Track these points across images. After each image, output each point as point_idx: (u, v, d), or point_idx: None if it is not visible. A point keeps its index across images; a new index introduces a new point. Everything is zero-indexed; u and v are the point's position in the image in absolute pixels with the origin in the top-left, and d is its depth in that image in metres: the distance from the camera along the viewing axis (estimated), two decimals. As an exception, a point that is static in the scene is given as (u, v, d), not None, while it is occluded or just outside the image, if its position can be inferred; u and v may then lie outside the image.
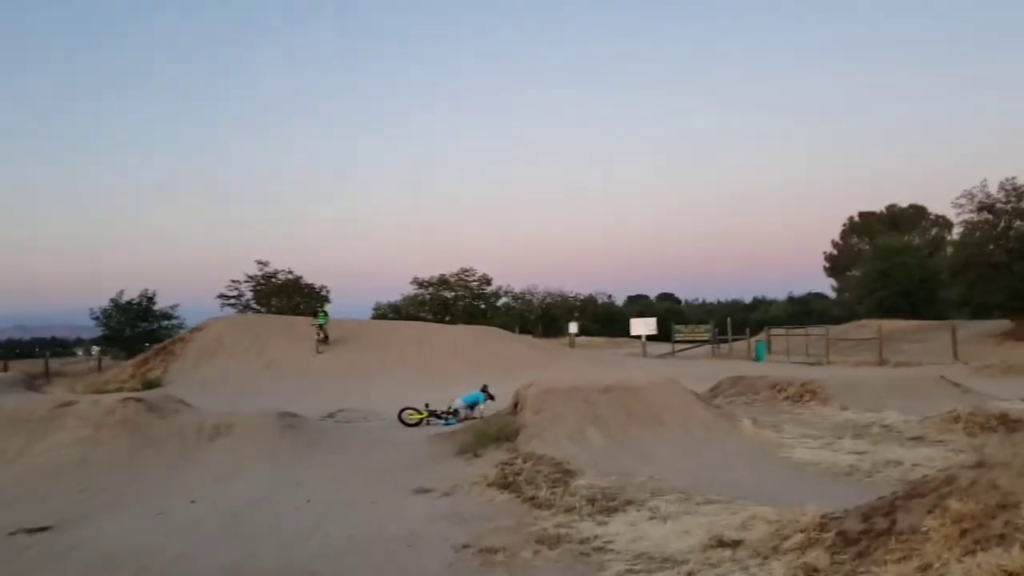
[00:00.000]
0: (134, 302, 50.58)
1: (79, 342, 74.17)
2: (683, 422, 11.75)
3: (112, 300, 50.78)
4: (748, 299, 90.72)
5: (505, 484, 9.42)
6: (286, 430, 13.57)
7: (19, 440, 12.49)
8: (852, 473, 9.98)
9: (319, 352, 30.97)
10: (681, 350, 38.45)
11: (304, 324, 33.68)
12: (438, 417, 15.96)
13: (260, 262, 53.65)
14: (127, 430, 12.80)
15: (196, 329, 34.89)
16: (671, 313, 60.36)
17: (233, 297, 52.83)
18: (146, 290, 50.69)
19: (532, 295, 69.80)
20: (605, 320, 68.30)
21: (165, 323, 51.04)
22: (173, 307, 51.18)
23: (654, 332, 38.47)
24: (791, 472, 10.23)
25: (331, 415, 19.52)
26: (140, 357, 32.52)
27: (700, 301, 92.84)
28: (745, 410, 14.65)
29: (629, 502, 8.30)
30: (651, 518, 7.65)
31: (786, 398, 15.97)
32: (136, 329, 49.44)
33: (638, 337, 39.86)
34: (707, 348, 38.92)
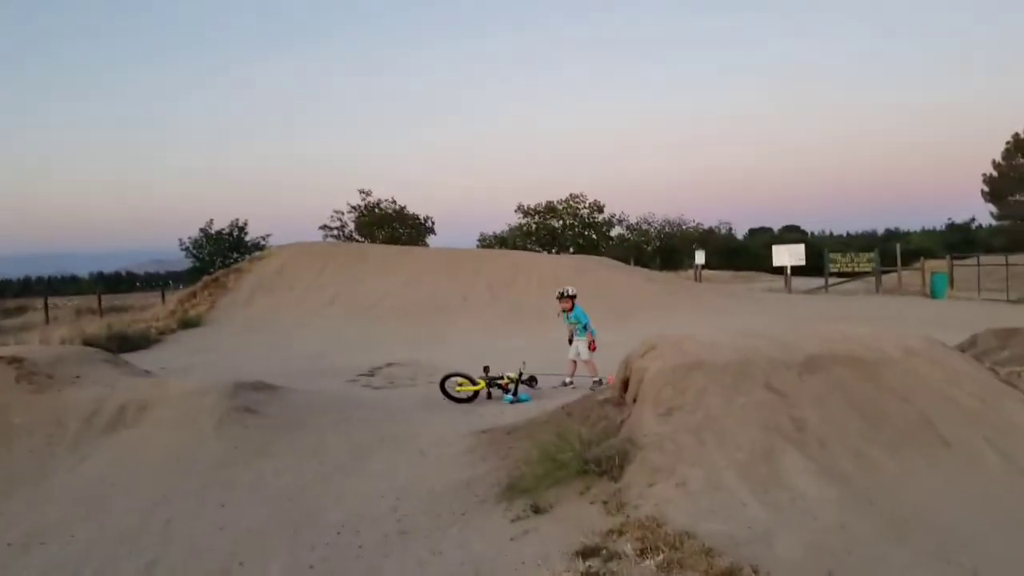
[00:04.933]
0: (224, 232, 47.47)
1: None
2: (989, 438, 5.39)
3: (202, 230, 47.89)
4: (880, 231, 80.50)
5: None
6: (234, 417, 8.01)
7: None
8: None
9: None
10: (836, 283, 31.15)
11: (378, 255, 28.50)
12: (501, 388, 10.10)
13: (363, 191, 51.17)
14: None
15: (256, 259, 30.28)
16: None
17: (336, 228, 50.77)
18: (236, 220, 47.39)
19: (649, 224, 62.77)
20: (727, 253, 60.79)
21: (257, 255, 48.12)
22: (265, 237, 47.51)
23: (802, 263, 31.25)
24: None
25: (370, 372, 14.01)
26: (187, 291, 28.02)
27: (828, 233, 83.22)
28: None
29: None
30: None
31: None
32: (228, 261, 46.14)
33: (779, 270, 32.76)
34: (867, 283, 31.44)
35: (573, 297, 11.33)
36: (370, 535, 5.31)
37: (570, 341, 11.38)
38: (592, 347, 11.04)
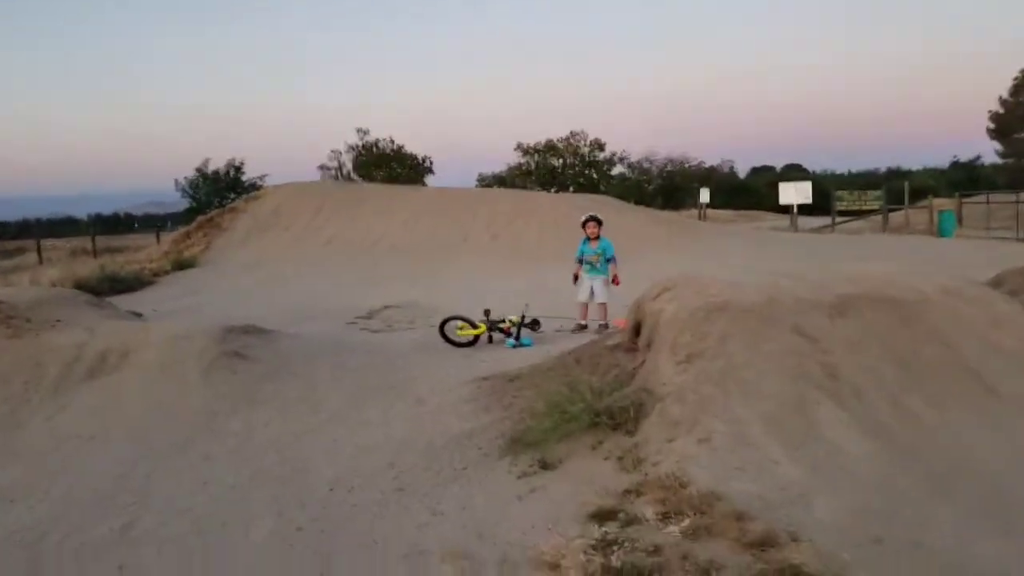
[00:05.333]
0: (221, 172, 46.89)
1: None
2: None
3: (197, 170, 47.31)
4: (882, 169, 78.95)
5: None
6: (223, 363, 7.56)
7: None
8: None
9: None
10: (843, 222, 30.55)
11: (376, 194, 27.89)
12: (502, 332, 9.64)
13: (360, 130, 50.52)
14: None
15: (252, 198, 29.57)
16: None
17: (333, 168, 50.85)
18: (233, 159, 46.90)
19: (651, 162, 61.59)
20: (729, 192, 59.81)
21: (252, 195, 47.57)
22: (262, 177, 46.82)
23: (809, 201, 30.58)
24: None
25: (368, 315, 13.54)
26: (181, 231, 27.47)
27: (830, 172, 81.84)
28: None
29: None
30: None
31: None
32: (225, 201, 45.58)
33: (782, 209, 32.18)
34: (872, 222, 30.83)
35: (600, 224, 10.65)
36: (365, 493, 4.89)
37: (575, 280, 10.68)
38: (616, 281, 10.37)
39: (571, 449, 4.83)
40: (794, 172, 76.42)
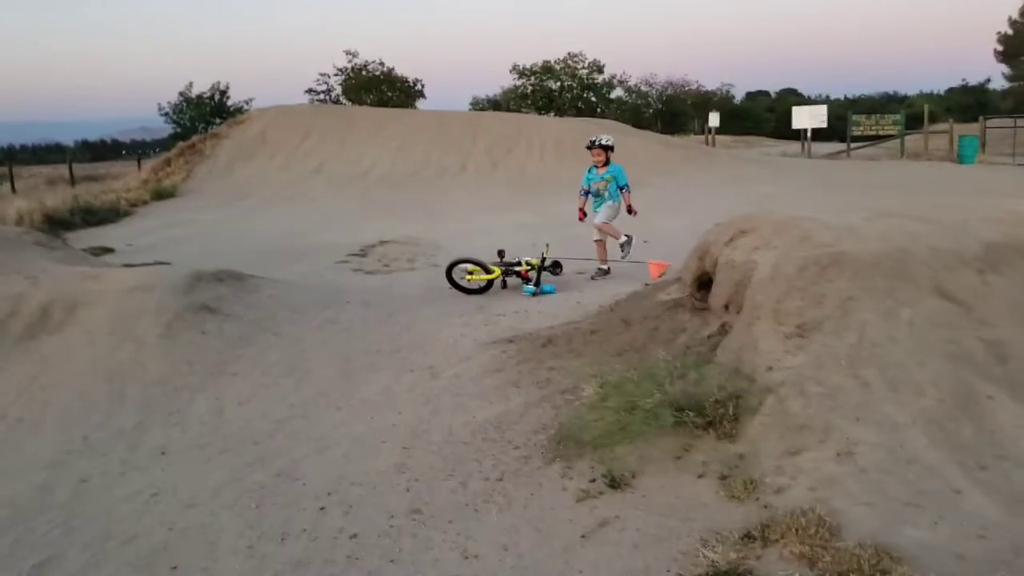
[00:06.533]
0: (205, 96, 45.00)
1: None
2: None
3: (181, 93, 45.48)
4: (877, 94, 76.33)
5: None
6: (189, 320, 6.25)
7: None
8: None
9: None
10: (859, 147, 28.95)
11: (367, 118, 26.25)
12: (520, 276, 8.30)
13: (349, 52, 48.18)
14: None
15: (236, 123, 27.85)
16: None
17: (322, 92, 48.32)
18: (217, 83, 45.06)
19: (650, 85, 59.43)
20: (727, 117, 57.83)
21: (236, 119, 45.83)
22: (248, 101, 44.94)
23: (824, 125, 28.92)
24: None
25: (362, 252, 12.20)
26: (161, 158, 25.82)
27: (825, 97, 79.35)
28: None
29: None
30: None
31: None
32: (210, 127, 43.78)
33: (783, 135, 30.57)
34: (887, 149, 29.29)
35: (610, 148, 9.09)
36: (367, 516, 3.62)
37: (582, 217, 9.15)
38: (632, 211, 8.91)
39: (645, 455, 3.55)
40: (791, 97, 74.17)
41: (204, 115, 44.74)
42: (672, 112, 58.46)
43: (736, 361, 3.83)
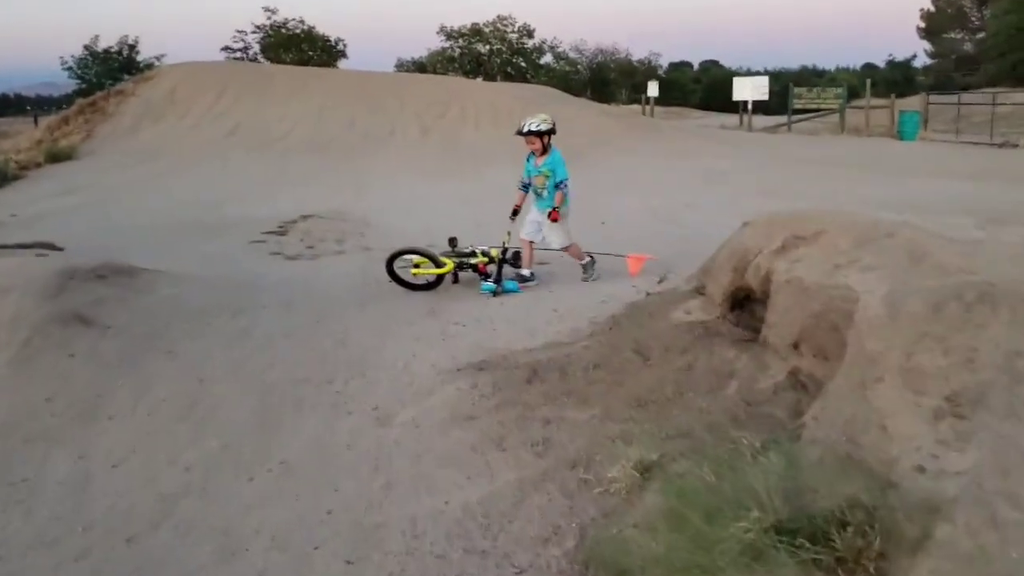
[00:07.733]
0: (112, 51, 42.12)
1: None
2: None
3: (86, 48, 42.49)
4: (795, 68, 76.19)
5: None
6: (53, 337, 4.74)
7: None
8: None
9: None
10: (800, 120, 28.30)
11: (287, 77, 24.33)
12: (477, 271, 6.93)
13: (268, 9, 46.43)
14: None
15: (143, 79, 25.54)
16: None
17: (239, 50, 46.57)
18: (125, 37, 42.42)
19: (580, 52, 58.48)
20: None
21: (143, 76, 43.08)
22: (159, 57, 42.36)
23: (766, 97, 28.17)
24: None
25: (281, 229, 10.71)
26: (58, 116, 23.41)
27: (745, 70, 79.35)
28: None
29: None
30: None
31: None
32: (117, 83, 40.98)
33: (710, 107, 29.78)
34: (825, 123, 28.77)
35: (547, 133, 7.11)
36: None
37: (514, 214, 7.11)
38: (554, 216, 6.87)
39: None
40: (714, 68, 73.96)
41: (111, 71, 42.03)
42: (602, 80, 57.61)
43: (850, 445, 2.60)
